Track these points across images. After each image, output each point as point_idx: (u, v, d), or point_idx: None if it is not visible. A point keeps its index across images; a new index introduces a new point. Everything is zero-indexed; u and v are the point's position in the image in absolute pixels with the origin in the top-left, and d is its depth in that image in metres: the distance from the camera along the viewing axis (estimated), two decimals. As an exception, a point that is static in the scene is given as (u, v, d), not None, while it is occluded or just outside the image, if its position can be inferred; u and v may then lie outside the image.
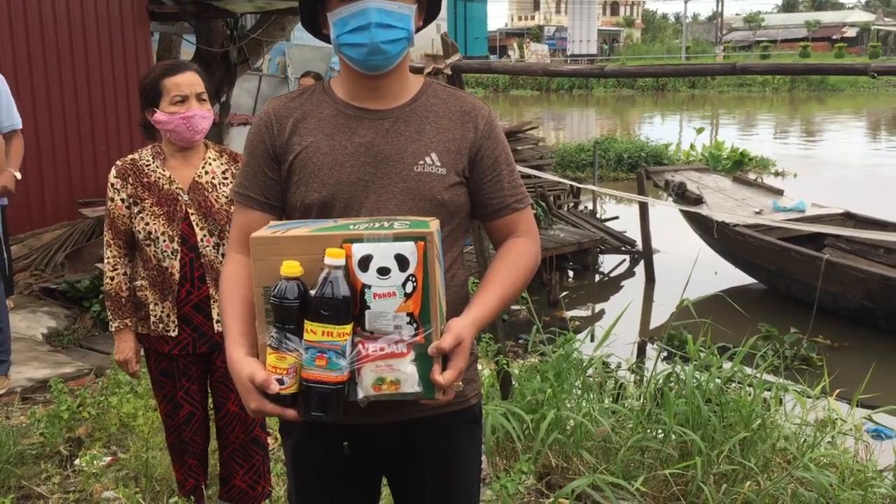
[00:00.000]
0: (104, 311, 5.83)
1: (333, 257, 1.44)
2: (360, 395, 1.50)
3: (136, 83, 7.79)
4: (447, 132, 1.72)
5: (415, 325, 1.48)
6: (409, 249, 1.47)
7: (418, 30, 1.74)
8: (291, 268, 1.46)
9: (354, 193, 1.67)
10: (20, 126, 4.59)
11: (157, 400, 2.96)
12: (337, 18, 1.64)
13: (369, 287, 1.47)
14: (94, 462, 3.30)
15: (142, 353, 2.94)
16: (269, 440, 3.32)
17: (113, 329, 2.84)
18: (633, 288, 9.55)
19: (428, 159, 1.69)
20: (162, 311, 2.77)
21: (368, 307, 1.47)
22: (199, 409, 2.89)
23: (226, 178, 2.84)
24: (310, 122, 1.72)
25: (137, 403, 3.55)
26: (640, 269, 9.93)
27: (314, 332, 1.44)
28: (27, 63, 6.99)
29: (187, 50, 11.29)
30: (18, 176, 4.41)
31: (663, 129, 26.67)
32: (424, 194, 1.68)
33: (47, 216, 7.20)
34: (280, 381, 1.47)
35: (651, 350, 7.03)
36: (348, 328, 1.46)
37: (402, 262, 1.47)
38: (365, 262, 1.47)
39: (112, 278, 2.81)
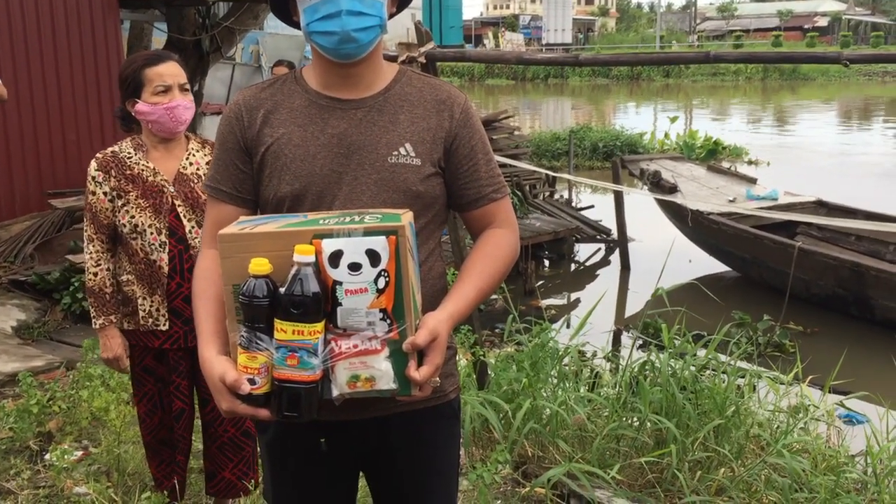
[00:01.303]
0: (74, 304, 5.78)
1: (302, 254, 1.42)
2: (335, 392, 1.48)
3: (106, 71, 7.79)
4: (422, 121, 1.69)
5: (388, 321, 1.46)
6: (380, 244, 1.44)
7: (391, 16, 1.70)
8: (260, 265, 1.43)
9: (327, 185, 1.64)
10: None
11: (137, 398, 2.90)
12: (307, 5, 1.60)
13: (340, 283, 1.45)
14: (65, 457, 3.24)
15: None
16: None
17: (97, 326, 2.77)
18: (609, 276, 9.60)
19: (402, 150, 1.65)
20: (151, 305, 2.72)
21: (340, 304, 1.45)
22: (188, 404, 2.85)
23: None
24: (281, 112, 1.68)
25: (109, 397, 3.50)
26: (615, 257, 9.97)
27: (284, 330, 1.42)
28: (-7, 51, 6.84)
29: (158, 38, 11.11)
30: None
31: (638, 118, 26.80)
32: (399, 186, 1.64)
33: (16, 207, 7.08)
34: (251, 381, 1.44)
35: (626, 338, 7.08)
36: (319, 326, 1.43)
37: (373, 256, 1.45)
38: (335, 258, 1.45)
39: (95, 274, 2.74)
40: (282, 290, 1.42)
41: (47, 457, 3.56)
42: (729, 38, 59.62)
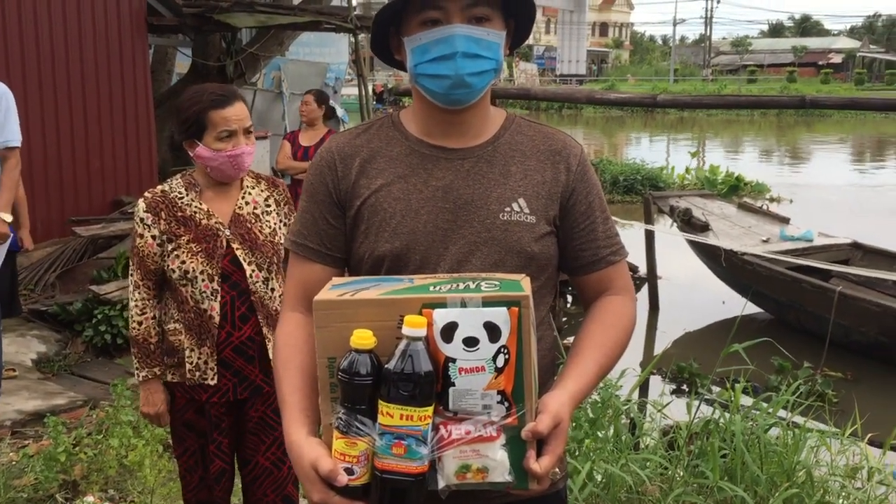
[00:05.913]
0: (97, 336, 5.58)
1: (413, 326, 1.23)
2: (441, 483, 1.29)
3: (133, 98, 7.69)
4: (536, 174, 1.52)
5: (506, 404, 1.27)
6: (501, 316, 1.26)
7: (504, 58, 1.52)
8: (363, 338, 1.24)
9: (432, 244, 1.47)
10: (16, 144, 4.02)
11: (178, 454, 2.70)
12: (416, 45, 1.43)
13: (454, 361, 1.26)
14: (93, 510, 3.04)
15: None
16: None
17: (140, 379, 2.58)
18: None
19: (515, 206, 1.48)
20: (199, 358, 2.52)
21: (453, 384, 1.27)
22: (229, 464, 2.64)
23: (268, 206, 2.62)
24: (379, 161, 1.51)
25: (144, 450, 3.28)
26: (641, 294, 9.73)
27: (391, 414, 1.23)
28: (21, 74, 6.74)
29: (182, 63, 11.07)
30: (8, 218, 3.98)
31: (651, 151, 26.61)
32: (512, 246, 1.47)
33: (37, 233, 6.90)
34: (349, 471, 1.25)
35: (655, 381, 6.84)
36: (430, 410, 1.24)
37: (492, 331, 1.26)
38: (449, 332, 1.26)
39: (140, 323, 2.55)
40: (388, 366, 1.24)
41: (72, 506, 3.35)
42: (743, 73, 59.68)
